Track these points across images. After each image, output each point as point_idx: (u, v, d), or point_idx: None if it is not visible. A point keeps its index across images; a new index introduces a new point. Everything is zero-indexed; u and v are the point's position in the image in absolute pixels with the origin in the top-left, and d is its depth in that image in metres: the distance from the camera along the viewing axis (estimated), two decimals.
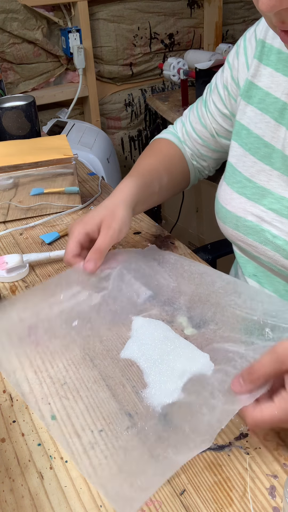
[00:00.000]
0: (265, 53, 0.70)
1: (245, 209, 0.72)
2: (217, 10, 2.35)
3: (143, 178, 0.78)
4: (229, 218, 0.74)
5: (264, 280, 0.75)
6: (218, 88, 0.81)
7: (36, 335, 0.67)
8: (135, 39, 2.26)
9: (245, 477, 0.48)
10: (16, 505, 0.47)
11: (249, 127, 0.72)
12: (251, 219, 0.71)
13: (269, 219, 0.69)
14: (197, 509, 0.46)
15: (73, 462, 0.50)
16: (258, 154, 0.71)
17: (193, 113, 0.87)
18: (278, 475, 0.48)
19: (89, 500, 0.47)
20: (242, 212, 0.72)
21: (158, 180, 0.81)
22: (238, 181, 0.73)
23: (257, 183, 0.71)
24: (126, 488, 0.47)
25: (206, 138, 0.85)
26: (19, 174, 0.94)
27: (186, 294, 0.71)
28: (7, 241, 0.91)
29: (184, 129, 0.89)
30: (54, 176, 0.97)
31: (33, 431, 0.54)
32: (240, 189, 0.73)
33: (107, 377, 0.60)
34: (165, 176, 0.83)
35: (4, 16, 1.87)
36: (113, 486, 0.47)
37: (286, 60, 0.67)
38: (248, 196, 0.72)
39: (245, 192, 0.72)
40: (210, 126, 0.83)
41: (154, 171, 0.81)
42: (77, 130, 1.94)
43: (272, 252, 0.70)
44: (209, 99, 0.83)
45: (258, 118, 0.71)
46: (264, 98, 0.70)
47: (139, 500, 0.46)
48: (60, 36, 2.05)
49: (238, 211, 0.73)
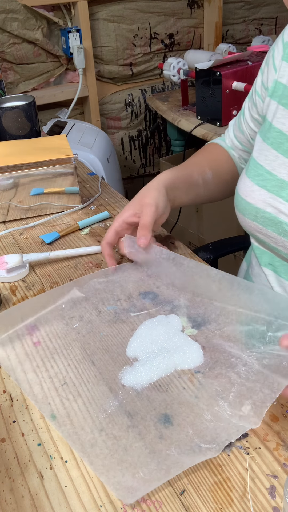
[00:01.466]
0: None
1: (264, 201, 0.73)
2: (217, 10, 2.35)
3: (182, 169, 0.83)
4: (248, 210, 0.76)
5: (280, 269, 0.77)
6: (252, 95, 0.83)
7: (36, 334, 0.67)
8: (135, 39, 2.26)
9: (245, 477, 0.48)
10: (16, 505, 0.47)
11: (273, 122, 0.74)
12: (270, 211, 0.72)
13: (287, 211, 0.70)
14: (197, 509, 0.46)
15: (74, 449, 0.50)
16: (280, 148, 0.72)
17: (235, 121, 0.92)
18: (278, 475, 0.48)
19: (89, 500, 0.47)
20: (262, 204, 0.73)
21: (200, 173, 0.85)
22: (259, 174, 0.75)
23: (277, 176, 0.72)
24: (128, 478, 0.47)
25: (245, 143, 0.89)
26: (19, 174, 0.94)
27: (186, 293, 0.71)
28: (7, 241, 0.91)
29: (229, 136, 0.93)
30: (54, 176, 0.97)
31: (33, 431, 0.54)
32: (261, 181, 0.74)
33: (107, 377, 0.60)
34: (209, 171, 0.86)
35: (4, 16, 1.87)
36: (115, 475, 0.48)
37: None
38: (268, 188, 0.73)
39: (265, 184, 0.73)
40: (246, 132, 0.87)
41: (195, 165, 0.87)
42: (77, 130, 1.94)
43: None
44: (245, 106, 0.87)
45: (281, 113, 0.72)
46: (285, 93, 0.72)
47: (141, 490, 0.46)
48: (60, 36, 2.05)
49: (258, 202, 0.74)
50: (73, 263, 0.83)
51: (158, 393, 0.57)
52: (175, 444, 0.51)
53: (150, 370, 0.59)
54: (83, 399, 0.57)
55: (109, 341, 0.65)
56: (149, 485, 0.47)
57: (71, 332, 0.67)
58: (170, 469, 0.48)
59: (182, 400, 0.56)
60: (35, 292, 0.77)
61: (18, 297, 0.76)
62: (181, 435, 0.52)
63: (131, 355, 0.63)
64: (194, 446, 0.50)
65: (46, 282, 0.79)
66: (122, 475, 0.48)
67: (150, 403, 0.56)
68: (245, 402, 0.54)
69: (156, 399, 0.56)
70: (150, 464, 0.49)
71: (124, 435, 0.52)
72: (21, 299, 0.76)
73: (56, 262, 0.84)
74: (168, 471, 0.48)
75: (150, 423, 0.53)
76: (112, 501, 0.47)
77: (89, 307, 0.71)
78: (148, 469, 0.48)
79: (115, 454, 0.50)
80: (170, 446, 0.50)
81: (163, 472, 0.48)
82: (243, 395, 0.55)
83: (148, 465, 0.49)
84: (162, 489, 0.47)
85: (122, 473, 0.48)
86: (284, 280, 0.77)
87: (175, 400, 0.56)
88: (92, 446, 0.51)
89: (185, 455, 0.49)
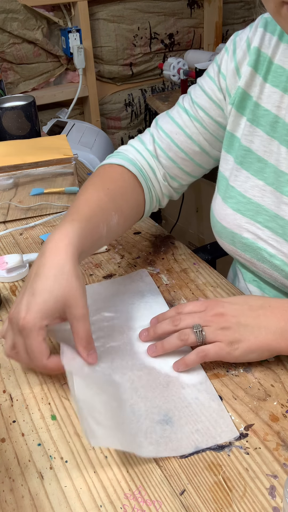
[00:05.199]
0: (260, 62, 0.67)
1: (240, 226, 0.70)
2: (217, 10, 2.35)
3: (88, 223, 0.63)
4: (225, 233, 0.73)
5: (264, 286, 0.75)
6: (208, 95, 0.74)
7: None
8: (135, 39, 2.26)
9: (245, 477, 0.48)
10: (16, 505, 0.47)
11: (241, 139, 0.70)
12: (247, 236, 0.69)
13: (265, 237, 0.67)
14: (197, 509, 0.46)
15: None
16: (251, 168, 0.69)
17: (168, 123, 0.77)
18: (278, 475, 0.48)
19: (89, 500, 0.47)
20: (238, 228, 0.70)
21: (106, 222, 0.67)
22: (232, 196, 0.71)
23: (251, 199, 0.69)
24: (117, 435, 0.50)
25: (191, 152, 0.76)
26: (19, 174, 0.94)
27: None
28: (7, 241, 0.91)
29: (157, 143, 0.77)
30: (54, 176, 0.97)
31: (33, 431, 0.54)
32: (235, 204, 0.70)
33: (107, 376, 0.60)
34: (115, 216, 0.69)
35: (4, 16, 1.87)
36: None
37: (275, 70, 0.65)
38: (243, 212, 0.69)
39: (239, 208, 0.70)
40: (198, 138, 0.75)
41: (101, 212, 0.67)
42: (77, 130, 1.94)
43: (270, 270, 0.68)
44: (193, 107, 0.75)
45: (248, 130, 0.68)
46: (253, 109, 0.68)
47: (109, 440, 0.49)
48: (60, 36, 2.05)
49: (234, 227, 0.70)
50: None
51: (158, 393, 0.57)
52: (175, 442, 0.51)
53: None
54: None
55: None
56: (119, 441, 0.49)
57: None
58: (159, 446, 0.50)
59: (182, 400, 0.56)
60: None
61: None
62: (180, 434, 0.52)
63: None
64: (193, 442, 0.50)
65: None
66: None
67: (150, 403, 0.56)
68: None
69: (156, 399, 0.56)
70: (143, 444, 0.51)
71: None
72: None
73: None
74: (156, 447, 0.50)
75: (150, 423, 0.53)
76: (112, 501, 0.47)
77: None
78: (140, 447, 0.50)
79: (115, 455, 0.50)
80: (169, 443, 0.51)
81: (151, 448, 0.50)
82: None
83: (142, 444, 0.51)
84: (162, 489, 0.47)
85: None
86: (268, 296, 0.74)
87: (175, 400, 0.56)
88: (92, 447, 0.51)
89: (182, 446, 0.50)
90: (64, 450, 0.52)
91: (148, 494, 0.47)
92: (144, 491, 0.47)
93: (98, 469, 0.50)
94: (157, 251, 0.85)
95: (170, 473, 0.49)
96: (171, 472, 0.49)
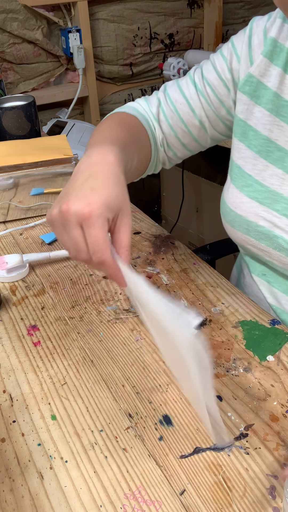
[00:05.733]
0: (276, 53, 0.67)
1: (256, 214, 0.69)
2: (217, 10, 2.35)
3: (123, 151, 0.60)
4: (238, 222, 0.72)
5: (273, 279, 0.74)
6: (218, 72, 0.73)
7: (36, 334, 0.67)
8: (135, 39, 2.26)
9: (245, 477, 0.48)
10: (16, 505, 0.47)
11: (257, 128, 0.70)
12: (263, 224, 0.69)
13: (283, 225, 0.67)
14: (197, 509, 0.46)
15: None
16: (270, 157, 0.69)
17: (175, 91, 0.77)
18: (278, 475, 0.48)
19: (89, 500, 0.47)
20: (254, 217, 0.70)
21: (131, 160, 0.65)
22: (248, 185, 0.71)
23: (269, 187, 0.69)
24: None
25: (190, 124, 0.77)
26: (19, 174, 0.94)
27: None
28: (7, 241, 0.91)
29: (162, 108, 0.78)
30: (54, 176, 0.97)
31: (33, 431, 0.54)
32: (251, 193, 0.70)
33: (107, 377, 0.60)
34: (135, 158, 0.67)
35: (4, 16, 1.87)
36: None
37: None
38: (260, 200, 0.69)
39: (256, 196, 0.70)
40: (200, 112, 0.75)
41: (129, 148, 0.65)
42: (77, 130, 1.94)
43: (286, 258, 0.68)
44: (201, 81, 0.75)
45: (267, 119, 0.69)
46: (273, 99, 0.68)
47: None
48: (60, 36, 2.05)
49: (249, 215, 0.70)
50: (73, 263, 0.83)
51: (158, 393, 0.57)
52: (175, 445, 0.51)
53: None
54: (83, 400, 0.57)
55: (108, 342, 0.65)
56: None
57: (71, 332, 0.67)
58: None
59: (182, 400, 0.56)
60: (35, 292, 0.77)
61: (18, 297, 0.76)
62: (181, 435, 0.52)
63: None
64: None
65: (46, 282, 0.79)
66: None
67: (150, 404, 0.56)
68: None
69: (156, 399, 0.56)
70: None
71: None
72: (21, 299, 0.76)
73: (56, 262, 0.84)
74: None
75: (150, 423, 0.53)
76: (112, 501, 0.47)
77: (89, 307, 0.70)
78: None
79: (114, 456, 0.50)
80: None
81: None
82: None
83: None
84: (162, 489, 0.47)
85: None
86: (277, 290, 0.74)
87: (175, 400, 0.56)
88: (92, 447, 0.51)
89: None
90: (64, 450, 0.52)
91: (148, 494, 0.47)
92: (144, 491, 0.47)
93: (98, 469, 0.50)
94: (157, 251, 0.85)
95: (170, 473, 0.49)
96: (171, 472, 0.49)
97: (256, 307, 0.70)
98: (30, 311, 0.73)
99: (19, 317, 0.71)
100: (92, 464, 0.50)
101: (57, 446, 0.52)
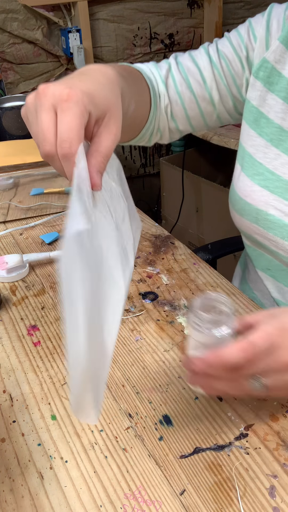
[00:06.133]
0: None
1: (267, 203, 0.69)
2: (217, 10, 2.35)
3: (125, 82, 0.56)
4: (248, 211, 0.72)
5: (278, 274, 0.74)
6: (234, 48, 0.72)
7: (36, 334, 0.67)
8: (135, 39, 2.26)
9: (245, 477, 0.48)
10: (16, 505, 0.47)
11: (269, 116, 0.69)
12: (273, 213, 0.69)
13: None
14: (197, 509, 0.46)
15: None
16: (282, 146, 0.68)
17: (188, 60, 0.75)
18: (278, 475, 0.48)
19: (89, 500, 0.47)
20: (264, 205, 0.69)
21: (128, 105, 0.59)
22: (259, 173, 0.70)
23: (281, 177, 0.68)
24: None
25: (200, 95, 0.74)
26: (19, 174, 0.94)
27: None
28: (7, 241, 0.91)
29: (172, 73, 0.75)
30: (54, 176, 0.97)
31: (33, 431, 0.54)
32: (262, 181, 0.70)
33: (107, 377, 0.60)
34: (132, 105, 0.62)
35: (4, 16, 1.87)
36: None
37: None
38: (271, 189, 0.69)
39: (268, 185, 0.69)
40: (211, 84, 0.73)
41: (129, 89, 0.59)
42: None
43: None
44: (216, 53, 0.73)
45: (280, 107, 0.68)
46: (287, 87, 0.67)
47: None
48: (60, 36, 2.05)
49: (260, 204, 0.70)
50: None
51: (158, 393, 0.57)
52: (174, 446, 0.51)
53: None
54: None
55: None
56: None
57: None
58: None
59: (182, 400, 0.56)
60: (35, 292, 0.77)
61: (18, 297, 0.76)
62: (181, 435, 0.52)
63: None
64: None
65: (46, 282, 0.79)
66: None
67: (150, 404, 0.56)
68: None
69: (156, 399, 0.56)
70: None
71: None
72: (21, 299, 0.76)
73: (56, 262, 0.84)
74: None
75: (150, 423, 0.53)
76: (112, 501, 0.47)
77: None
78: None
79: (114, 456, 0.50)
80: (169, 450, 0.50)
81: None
82: None
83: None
84: (162, 489, 0.47)
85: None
86: (282, 285, 0.74)
87: (175, 400, 0.56)
88: (92, 447, 0.51)
89: None
90: (64, 450, 0.52)
91: (148, 494, 0.47)
92: (144, 491, 0.47)
93: (98, 469, 0.50)
94: (157, 251, 0.85)
95: (170, 473, 0.49)
96: (171, 472, 0.49)
97: (256, 307, 0.70)
98: (30, 311, 0.73)
99: (19, 317, 0.71)
100: (92, 464, 0.50)
101: (57, 446, 0.52)
